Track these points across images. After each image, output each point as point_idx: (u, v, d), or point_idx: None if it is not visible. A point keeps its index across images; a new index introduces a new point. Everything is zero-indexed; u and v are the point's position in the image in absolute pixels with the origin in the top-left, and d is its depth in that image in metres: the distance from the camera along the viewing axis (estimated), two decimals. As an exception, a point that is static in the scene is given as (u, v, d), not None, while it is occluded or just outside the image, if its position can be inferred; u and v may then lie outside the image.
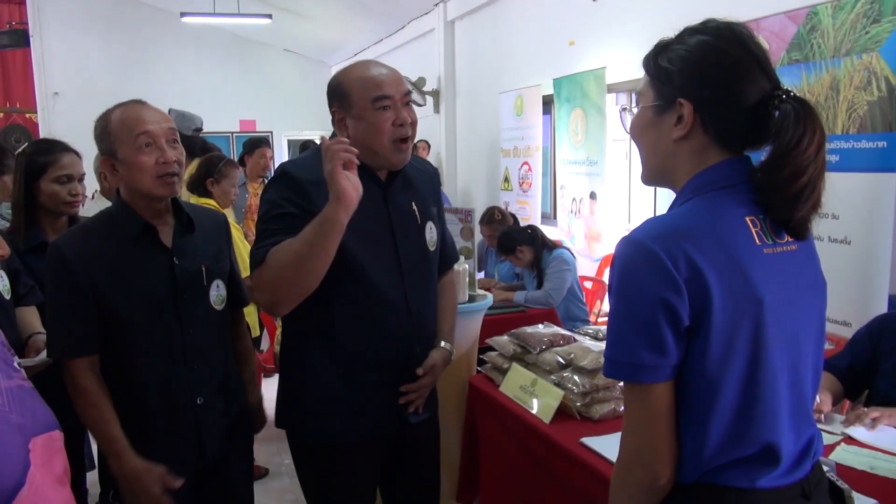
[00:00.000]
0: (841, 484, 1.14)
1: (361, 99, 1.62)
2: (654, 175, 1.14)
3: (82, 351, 1.56)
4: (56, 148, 2.12)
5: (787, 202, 1.00)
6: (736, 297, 0.97)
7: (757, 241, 1.01)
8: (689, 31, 1.09)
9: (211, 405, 1.67)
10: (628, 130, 1.15)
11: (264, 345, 4.35)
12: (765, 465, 1.01)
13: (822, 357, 1.13)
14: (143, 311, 1.58)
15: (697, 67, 1.04)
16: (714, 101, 1.03)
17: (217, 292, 1.70)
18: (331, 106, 1.68)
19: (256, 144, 5.24)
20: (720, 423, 1.00)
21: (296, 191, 1.59)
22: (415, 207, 1.77)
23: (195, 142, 4.06)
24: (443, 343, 1.83)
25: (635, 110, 1.13)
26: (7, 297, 1.83)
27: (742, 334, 0.98)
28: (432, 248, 1.81)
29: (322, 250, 1.48)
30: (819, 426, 1.83)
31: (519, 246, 3.88)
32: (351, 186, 1.45)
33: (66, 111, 9.07)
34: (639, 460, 1.03)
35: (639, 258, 0.98)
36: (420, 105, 6.98)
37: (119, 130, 1.55)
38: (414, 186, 1.79)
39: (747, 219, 1.02)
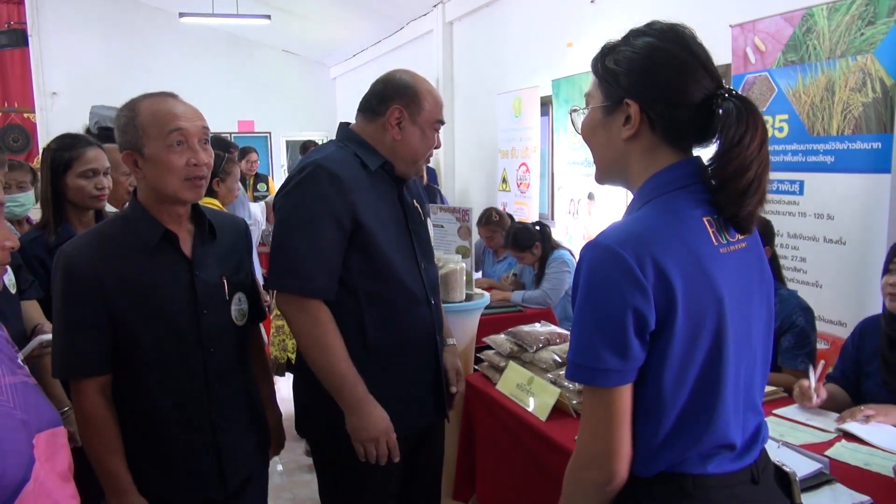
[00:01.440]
0: (786, 468, 1.18)
1: (430, 114, 1.73)
2: (606, 174, 1.16)
3: (92, 371, 1.41)
4: (80, 143, 2.13)
5: (735, 198, 1.02)
6: (699, 298, 1.00)
7: (714, 241, 1.04)
8: (634, 33, 1.12)
9: (232, 429, 1.55)
10: (579, 131, 1.17)
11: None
12: (718, 453, 1.05)
13: (769, 350, 1.17)
14: (161, 328, 1.44)
15: (643, 68, 1.06)
16: (660, 101, 1.05)
17: (239, 307, 1.57)
18: (391, 102, 1.71)
19: (246, 150, 5.73)
20: (676, 418, 1.02)
21: (339, 189, 1.62)
22: (417, 205, 1.85)
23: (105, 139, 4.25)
24: (449, 341, 1.93)
25: (585, 112, 1.15)
26: (13, 291, 1.84)
27: (703, 333, 1.01)
28: (432, 244, 1.92)
29: (330, 384, 1.65)
30: (811, 423, 1.88)
31: (536, 242, 3.91)
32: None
33: (65, 111, 9.06)
34: (596, 461, 1.04)
35: (607, 263, 0.98)
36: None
37: (148, 124, 1.40)
38: (410, 187, 1.86)
39: (704, 219, 1.04)
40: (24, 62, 9.80)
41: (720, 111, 1.02)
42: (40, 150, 9.21)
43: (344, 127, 1.81)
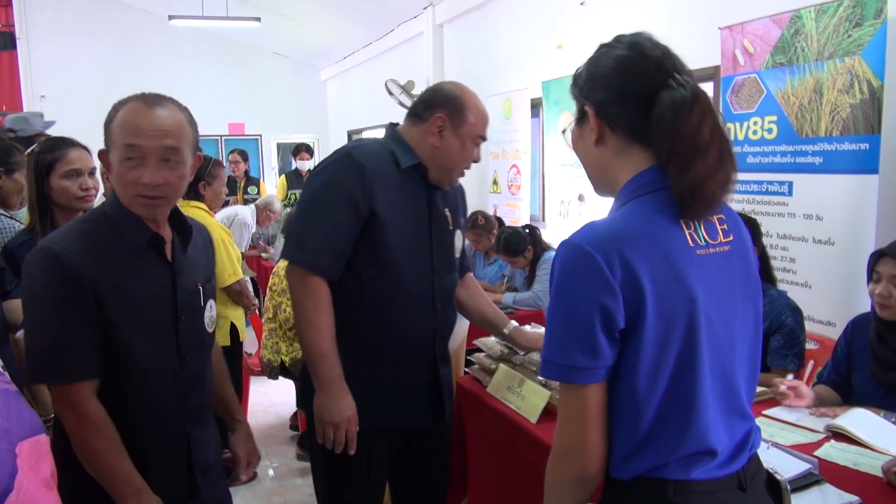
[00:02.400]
0: (778, 476, 1.18)
1: (473, 127, 1.79)
2: (598, 185, 1.18)
3: (89, 374, 1.34)
4: (63, 144, 2.12)
5: (694, 184, 1.02)
6: (670, 297, 1.00)
7: (690, 242, 1.04)
8: (598, 48, 1.16)
9: (202, 438, 1.54)
10: (572, 148, 1.21)
11: (251, 347, 4.35)
12: (699, 459, 1.05)
13: (758, 355, 1.17)
14: (142, 333, 1.40)
15: (591, 74, 1.11)
16: (609, 102, 1.08)
17: (210, 313, 1.56)
18: (435, 110, 1.77)
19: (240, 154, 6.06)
20: (652, 420, 1.03)
21: (361, 176, 1.68)
22: (448, 214, 1.89)
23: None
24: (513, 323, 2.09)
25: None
26: None
27: (675, 334, 1.01)
28: (457, 255, 1.94)
29: (310, 358, 1.73)
30: (801, 424, 1.88)
31: (528, 246, 3.91)
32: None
33: (54, 114, 8.88)
34: (568, 455, 1.06)
35: (577, 261, 1.01)
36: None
37: (115, 131, 1.34)
38: (448, 196, 1.92)
39: (682, 221, 1.05)
40: (12, 65, 9.73)
41: (670, 101, 1.03)
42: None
43: (391, 127, 1.87)
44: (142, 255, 1.41)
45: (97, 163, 2.15)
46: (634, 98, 1.06)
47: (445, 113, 1.76)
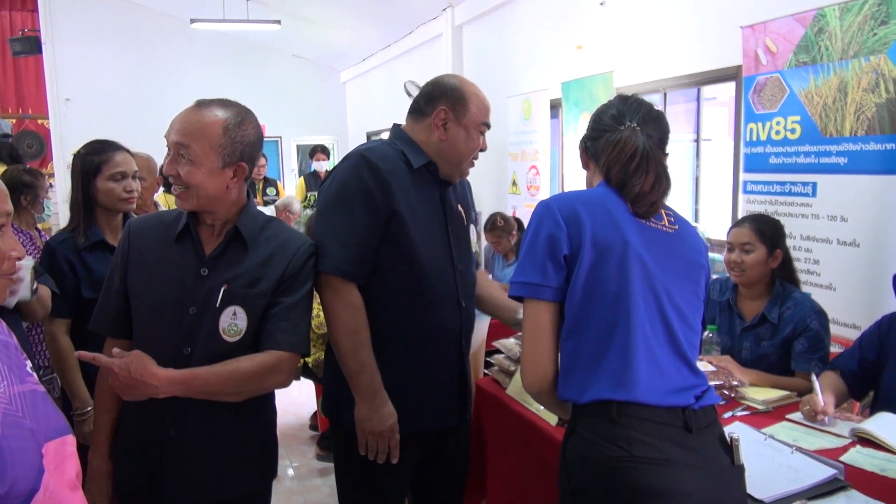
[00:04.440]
0: (733, 435, 1.33)
1: (476, 116, 1.78)
2: None
3: (98, 326, 1.57)
4: (109, 147, 2.18)
5: (629, 175, 1.37)
6: (605, 234, 1.32)
7: (631, 212, 1.37)
8: None
9: (186, 442, 1.48)
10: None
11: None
12: (636, 381, 1.26)
13: (698, 326, 1.40)
14: (151, 309, 1.49)
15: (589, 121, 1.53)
16: (588, 138, 1.52)
17: (231, 320, 1.48)
18: (438, 103, 1.77)
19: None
20: (595, 342, 1.29)
21: (377, 177, 1.68)
22: (461, 210, 1.88)
23: (2, 147, 4.59)
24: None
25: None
26: (28, 295, 1.85)
27: (609, 262, 1.31)
28: (474, 250, 1.94)
29: (349, 369, 1.69)
30: (825, 429, 1.85)
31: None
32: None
33: (78, 117, 9.13)
34: (526, 366, 1.36)
35: (541, 212, 1.38)
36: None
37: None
38: (458, 191, 1.91)
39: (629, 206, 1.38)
40: (38, 69, 9.91)
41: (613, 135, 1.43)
42: (54, 156, 9.31)
43: (395, 127, 1.86)
44: (175, 242, 1.52)
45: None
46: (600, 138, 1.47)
47: (447, 105, 1.76)
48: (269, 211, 5.31)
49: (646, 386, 1.26)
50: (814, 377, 1.96)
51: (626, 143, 1.39)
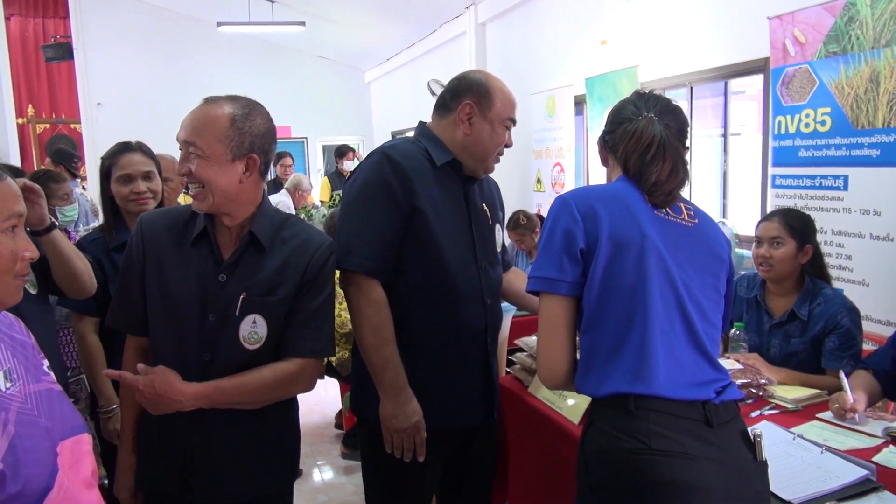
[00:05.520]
0: (756, 432, 1.31)
1: (501, 111, 1.77)
2: None
3: (115, 322, 1.56)
4: (121, 149, 2.18)
5: (646, 164, 1.37)
6: (623, 228, 1.32)
7: (649, 205, 1.37)
8: None
9: (213, 448, 1.48)
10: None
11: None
12: (655, 375, 1.25)
13: (719, 319, 1.39)
14: (169, 314, 1.47)
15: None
16: (606, 133, 1.51)
17: (251, 328, 1.46)
18: (463, 97, 1.77)
19: (281, 155, 6.20)
20: (608, 334, 1.30)
21: (399, 174, 1.67)
22: (486, 209, 1.87)
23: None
24: None
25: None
26: (33, 292, 1.86)
27: (628, 256, 1.30)
28: (499, 249, 1.92)
29: (373, 365, 1.68)
30: (858, 428, 1.80)
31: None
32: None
33: (109, 120, 9.31)
34: (541, 360, 1.37)
35: (558, 206, 1.38)
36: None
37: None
38: (484, 190, 1.90)
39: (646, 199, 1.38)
40: (70, 74, 10.12)
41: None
42: (86, 160, 9.49)
43: (421, 125, 1.86)
44: (192, 245, 1.48)
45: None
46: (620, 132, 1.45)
47: (473, 99, 1.75)
48: (286, 195, 5.46)
49: (664, 379, 1.25)
50: (842, 374, 1.90)
51: (643, 132, 1.39)
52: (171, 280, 1.48)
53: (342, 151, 7.28)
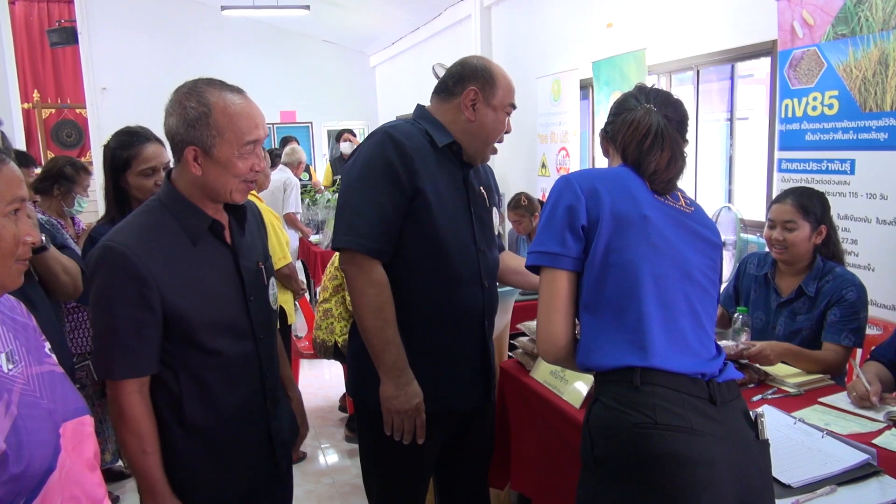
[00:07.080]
0: (758, 412, 1.33)
1: (503, 97, 1.78)
2: None
3: (140, 371, 1.34)
4: (137, 140, 2.11)
5: (644, 153, 1.41)
6: (624, 206, 1.35)
7: (649, 189, 1.40)
8: None
9: (280, 415, 1.58)
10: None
11: (301, 331, 4.42)
12: (654, 348, 1.27)
13: (714, 303, 1.42)
14: (215, 320, 1.40)
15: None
16: (608, 124, 1.53)
17: (273, 291, 1.57)
18: (467, 83, 1.76)
19: (286, 140, 6.26)
20: (610, 310, 1.31)
21: (402, 155, 1.67)
22: (483, 192, 1.88)
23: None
24: None
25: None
26: (36, 277, 1.88)
27: (629, 233, 1.33)
28: (496, 233, 1.94)
29: (374, 346, 1.69)
30: (860, 412, 1.79)
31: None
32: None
33: (114, 105, 9.32)
34: (541, 334, 1.37)
35: (560, 185, 1.40)
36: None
37: (225, 128, 1.34)
38: (481, 174, 1.91)
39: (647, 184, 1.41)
40: (74, 59, 10.12)
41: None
42: (92, 145, 9.51)
43: (420, 107, 1.86)
44: (204, 242, 1.42)
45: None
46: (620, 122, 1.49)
47: (477, 86, 1.75)
48: (289, 171, 5.56)
49: (666, 352, 1.28)
50: (854, 363, 1.90)
51: (641, 121, 1.42)
52: (201, 286, 1.39)
53: (341, 135, 7.29)
